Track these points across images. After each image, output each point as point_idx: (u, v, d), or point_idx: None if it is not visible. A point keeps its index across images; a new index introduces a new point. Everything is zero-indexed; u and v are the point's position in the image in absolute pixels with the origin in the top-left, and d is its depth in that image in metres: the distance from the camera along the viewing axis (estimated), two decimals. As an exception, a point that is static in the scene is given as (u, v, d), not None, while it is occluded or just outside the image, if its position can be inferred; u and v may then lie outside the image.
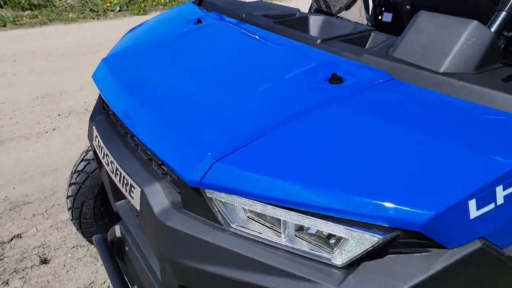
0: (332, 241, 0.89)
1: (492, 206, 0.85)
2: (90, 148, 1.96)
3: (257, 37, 1.48)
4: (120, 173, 1.20)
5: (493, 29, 1.12)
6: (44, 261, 2.32)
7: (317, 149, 0.95)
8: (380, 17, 1.89)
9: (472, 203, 0.83)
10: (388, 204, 0.82)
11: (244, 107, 1.11)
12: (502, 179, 0.86)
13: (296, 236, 0.94)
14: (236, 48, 1.48)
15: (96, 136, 1.41)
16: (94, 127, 1.45)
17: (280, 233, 0.93)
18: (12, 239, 2.50)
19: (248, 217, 0.96)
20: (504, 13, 1.13)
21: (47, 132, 3.72)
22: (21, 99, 4.31)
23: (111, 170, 1.28)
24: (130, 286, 1.45)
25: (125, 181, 1.18)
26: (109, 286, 2.19)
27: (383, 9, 2.22)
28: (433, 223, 0.81)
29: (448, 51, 1.10)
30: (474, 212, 0.84)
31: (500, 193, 0.85)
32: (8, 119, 3.90)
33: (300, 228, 0.91)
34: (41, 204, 2.78)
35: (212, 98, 1.19)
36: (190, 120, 1.11)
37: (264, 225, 0.96)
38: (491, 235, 0.87)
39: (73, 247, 2.44)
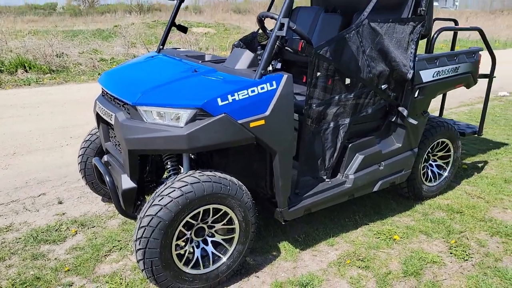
0: (179, 118, 2.41)
1: (226, 101, 2.34)
2: (93, 128, 3.50)
3: (176, 61, 3.12)
4: (106, 111, 2.75)
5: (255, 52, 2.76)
6: (60, 202, 3.75)
7: (178, 89, 2.51)
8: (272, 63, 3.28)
9: (219, 99, 2.33)
10: (191, 99, 2.35)
11: (157, 79, 2.69)
12: (229, 92, 2.35)
13: (170, 119, 2.44)
14: (165, 64, 3.11)
15: (96, 103, 2.99)
16: (96, 100, 3.03)
17: (164, 119, 2.45)
18: (39, 195, 3.92)
19: (153, 116, 2.48)
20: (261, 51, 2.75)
21: (62, 146, 5.23)
22: (44, 129, 5.86)
23: (102, 113, 2.82)
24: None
25: (109, 114, 2.71)
26: (98, 215, 3.61)
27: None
28: (205, 105, 2.30)
29: (238, 60, 2.69)
30: (220, 103, 2.33)
31: (230, 97, 2.35)
32: (35, 139, 5.43)
33: (170, 115, 2.43)
34: (58, 181, 4.23)
35: (146, 77, 2.79)
36: (134, 84, 2.68)
37: (157, 117, 2.47)
38: (230, 112, 2.34)
39: (78, 197, 3.87)
